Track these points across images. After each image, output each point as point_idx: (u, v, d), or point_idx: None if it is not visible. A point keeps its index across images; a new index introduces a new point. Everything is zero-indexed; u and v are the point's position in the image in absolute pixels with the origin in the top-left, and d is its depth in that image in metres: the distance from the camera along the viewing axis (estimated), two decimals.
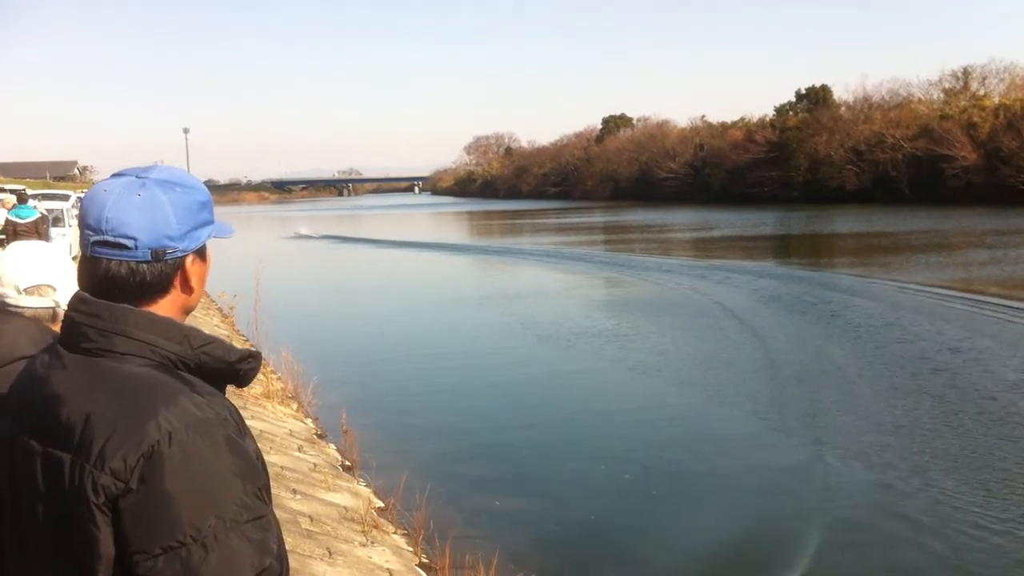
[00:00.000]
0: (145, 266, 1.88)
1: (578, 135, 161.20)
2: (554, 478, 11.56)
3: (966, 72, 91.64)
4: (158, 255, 1.89)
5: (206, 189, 2.04)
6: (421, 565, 8.28)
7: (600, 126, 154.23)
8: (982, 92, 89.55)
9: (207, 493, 1.71)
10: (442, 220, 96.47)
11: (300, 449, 10.97)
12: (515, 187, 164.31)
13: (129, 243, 1.86)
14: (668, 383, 16.47)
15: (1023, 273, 29.08)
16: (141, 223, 1.86)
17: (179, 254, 1.93)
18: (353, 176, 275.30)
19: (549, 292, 29.90)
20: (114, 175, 1.97)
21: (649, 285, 30.46)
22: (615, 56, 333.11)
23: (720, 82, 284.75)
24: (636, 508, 10.46)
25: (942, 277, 28.89)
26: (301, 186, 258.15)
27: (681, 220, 71.65)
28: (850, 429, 12.94)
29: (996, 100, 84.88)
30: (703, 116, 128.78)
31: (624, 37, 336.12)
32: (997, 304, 23.17)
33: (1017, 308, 22.45)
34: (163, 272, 1.91)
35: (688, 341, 20.19)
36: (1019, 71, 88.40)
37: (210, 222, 2.03)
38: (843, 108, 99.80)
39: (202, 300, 23.70)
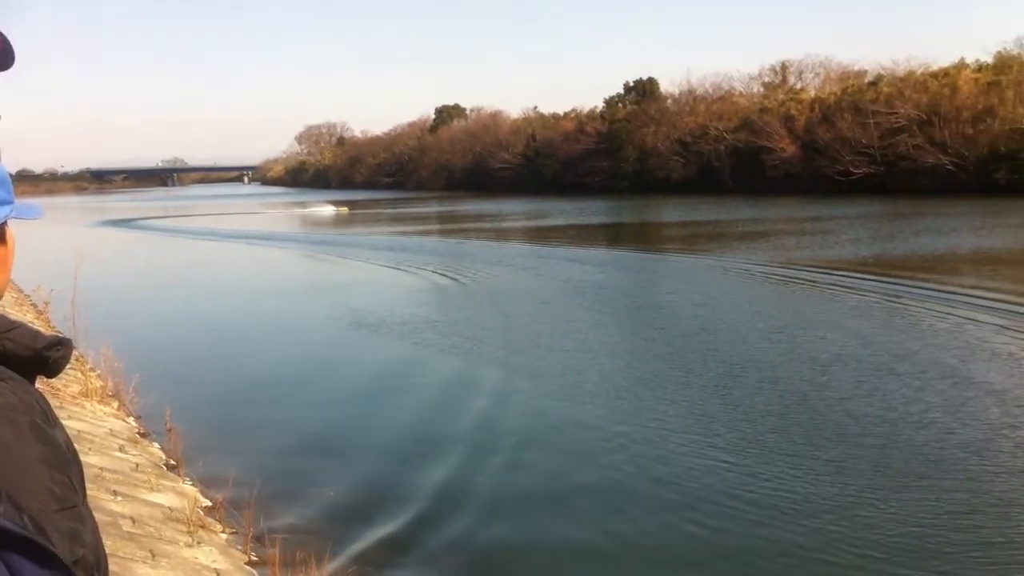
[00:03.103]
0: None
1: (412, 125, 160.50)
2: (384, 467, 11.41)
3: (784, 66, 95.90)
4: None
5: (2, 167, 1.87)
6: (250, 563, 8.05)
7: (433, 116, 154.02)
8: (799, 86, 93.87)
9: (10, 481, 1.57)
10: (272, 211, 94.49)
11: (121, 449, 10.45)
12: (348, 177, 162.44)
13: None
14: (489, 368, 16.57)
15: (829, 255, 30.65)
16: None
17: None
18: (178, 166, 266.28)
19: (377, 282, 29.69)
20: None
21: (476, 273, 30.67)
22: (447, 45, 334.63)
23: (551, 73, 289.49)
24: (463, 492, 10.42)
25: (761, 259, 30.21)
26: (122, 176, 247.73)
27: (515, 209, 72.64)
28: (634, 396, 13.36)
29: (812, 93, 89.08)
30: (535, 107, 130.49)
31: (456, 26, 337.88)
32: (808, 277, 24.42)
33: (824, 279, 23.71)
34: None
35: (505, 326, 20.49)
36: (833, 66, 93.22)
37: (8, 202, 1.86)
38: (669, 101, 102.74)
39: (15, 295, 22.41)
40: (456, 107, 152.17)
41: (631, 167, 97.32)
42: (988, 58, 77.05)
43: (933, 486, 9.87)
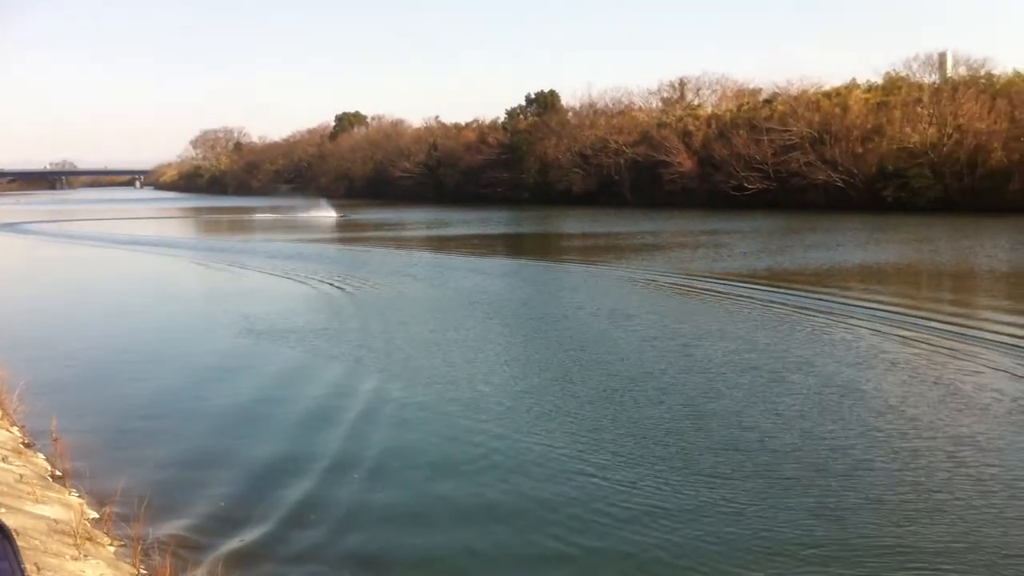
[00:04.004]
0: None
1: (311, 131, 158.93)
2: (272, 473, 11.18)
3: (682, 83, 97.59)
4: None
5: None
6: None
7: (334, 123, 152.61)
8: (696, 102, 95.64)
9: None
10: (165, 216, 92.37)
11: (4, 460, 10.06)
12: (245, 183, 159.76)
13: None
14: (377, 378, 16.34)
15: (723, 267, 31.26)
16: None
17: None
18: (67, 168, 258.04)
19: (271, 290, 29.24)
20: None
21: (374, 283, 30.47)
22: (348, 52, 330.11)
23: (454, 83, 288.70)
24: (344, 495, 10.39)
25: (658, 270, 30.63)
26: (8, 178, 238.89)
27: (416, 219, 72.41)
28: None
29: (709, 110, 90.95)
30: (437, 116, 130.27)
31: (357, 33, 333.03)
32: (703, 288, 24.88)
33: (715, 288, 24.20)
34: None
35: (399, 336, 20.31)
36: (729, 83, 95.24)
37: None
38: (570, 113, 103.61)
39: None
40: (357, 115, 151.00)
41: (532, 179, 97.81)
42: (878, 79, 79.86)
43: (820, 494, 10.09)
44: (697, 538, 8.98)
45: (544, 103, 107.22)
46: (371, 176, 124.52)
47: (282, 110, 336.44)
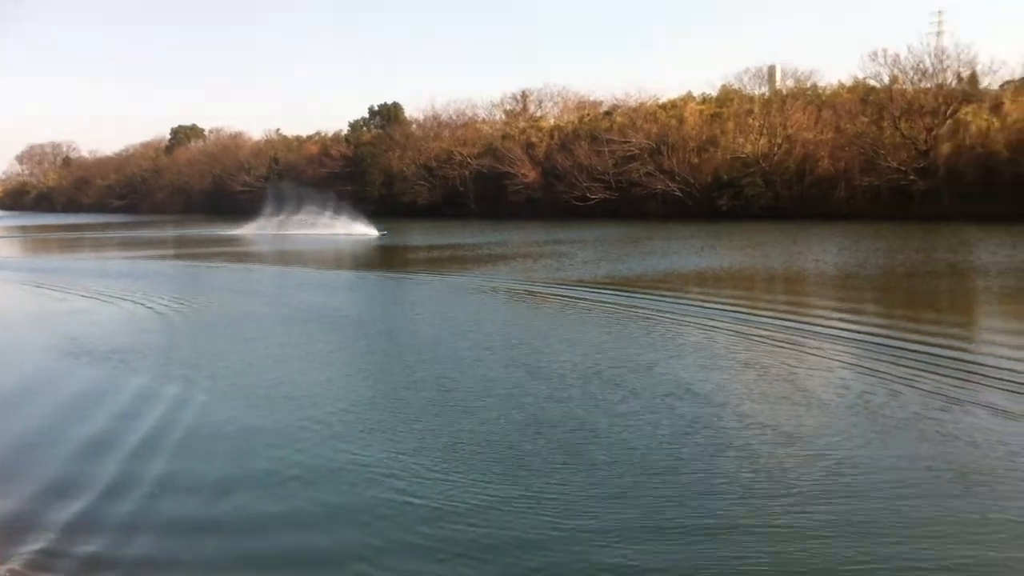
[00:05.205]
0: None
1: (145, 145, 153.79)
2: (103, 495, 10.46)
3: (524, 95, 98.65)
4: None
5: None
6: None
7: (169, 136, 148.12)
8: (539, 114, 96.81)
9: None
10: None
11: None
12: (75, 200, 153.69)
13: None
14: (196, 393, 15.61)
15: (565, 275, 31.51)
16: None
17: None
18: None
19: (100, 312, 27.49)
20: None
21: (209, 301, 29.42)
22: (185, 64, 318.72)
23: (295, 95, 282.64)
24: (175, 512, 9.80)
25: (502, 279, 30.61)
26: None
27: (255, 233, 70.63)
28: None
29: (551, 122, 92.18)
30: (278, 129, 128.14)
31: (194, 43, 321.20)
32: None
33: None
34: None
35: (228, 353, 19.50)
36: (571, 95, 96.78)
37: None
38: (414, 126, 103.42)
39: None
40: (194, 127, 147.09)
41: (377, 191, 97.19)
42: (712, 91, 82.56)
43: (660, 496, 9.99)
44: (528, 539, 8.78)
45: (388, 115, 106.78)
46: (210, 191, 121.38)
47: (115, 124, 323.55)
